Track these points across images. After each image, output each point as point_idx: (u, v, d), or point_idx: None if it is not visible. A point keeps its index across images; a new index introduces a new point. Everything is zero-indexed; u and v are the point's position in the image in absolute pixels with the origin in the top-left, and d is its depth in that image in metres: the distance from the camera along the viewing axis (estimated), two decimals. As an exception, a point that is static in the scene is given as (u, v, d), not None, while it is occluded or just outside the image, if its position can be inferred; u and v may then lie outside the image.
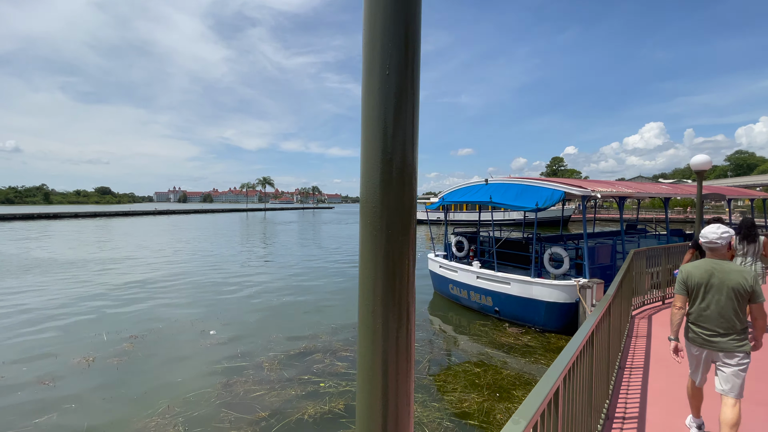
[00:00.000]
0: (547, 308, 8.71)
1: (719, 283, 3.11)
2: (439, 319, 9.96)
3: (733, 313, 3.07)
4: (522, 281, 9.11)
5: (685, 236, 16.22)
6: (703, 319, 3.20)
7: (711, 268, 3.18)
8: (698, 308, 3.23)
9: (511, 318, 9.53)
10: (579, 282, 8.39)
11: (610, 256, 9.73)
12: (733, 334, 3.07)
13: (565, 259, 9.18)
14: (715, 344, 3.12)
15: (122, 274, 15.61)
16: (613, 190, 8.97)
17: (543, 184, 9.26)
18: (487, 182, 10.78)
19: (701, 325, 3.21)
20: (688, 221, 47.81)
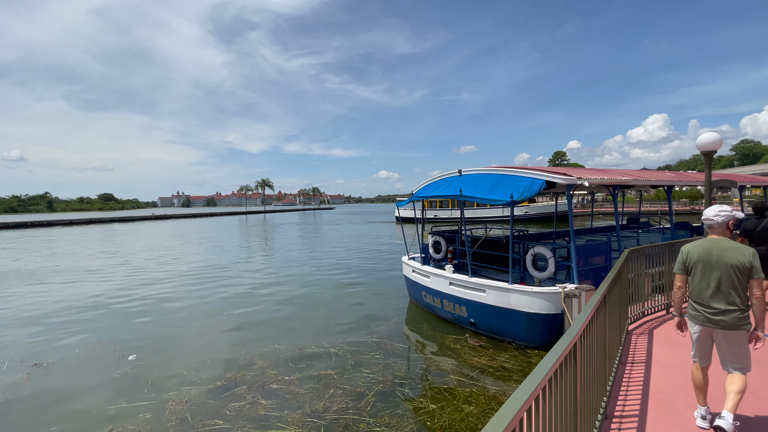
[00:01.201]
0: (529, 320, 7.29)
1: (717, 261, 3.18)
2: (407, 334, 8.56)
3: (733, 289, 3.12)
4: (498, 288, 7.69)
5: (692, 229, 14.75)
6: (703, 297, 3.26)
7: (709, 246, 3.26)
8: (698, 286, 3.30)
9: (488, 331, 8.11)
10: (565, 288, 6.96)
11: (605, 256, 8.28)
12: (736, 312, 3.11)
13: (549, 260, 7.76)
14: (717, 322, 3.16)
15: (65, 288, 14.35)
16: (605, 178, 7.53)
17: (521, 172, 7.83)
18: (460, 173, 9.36)
19: (702, 303, 3.27)
20: (695, 213, 45.88)
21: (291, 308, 10.80)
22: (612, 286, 4.39)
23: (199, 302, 11.50)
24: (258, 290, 12.98)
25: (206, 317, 10.05)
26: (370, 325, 9.09)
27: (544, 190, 10.73)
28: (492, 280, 7.92)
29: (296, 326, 9.19)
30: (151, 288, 13.59)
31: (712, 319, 3.18)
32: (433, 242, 11.29)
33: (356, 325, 9.12)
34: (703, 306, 3.24)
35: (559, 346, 2.16)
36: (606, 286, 3.84)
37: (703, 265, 3.23)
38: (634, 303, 6.21)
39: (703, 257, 3.23)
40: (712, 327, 3.19)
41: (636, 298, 6.23)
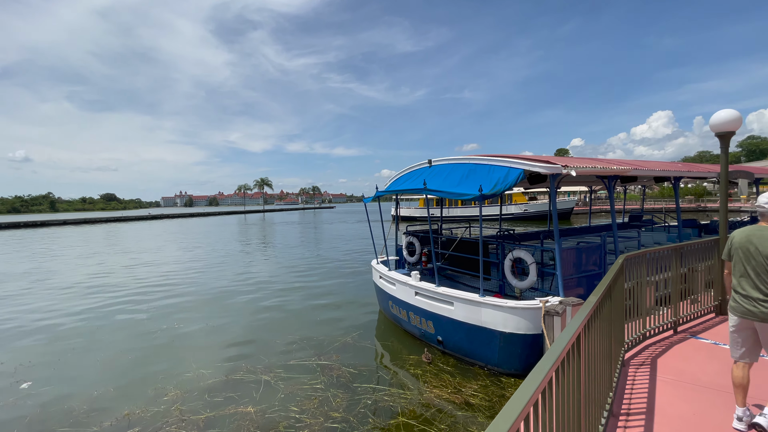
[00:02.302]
0: (503, 342, 5.93)
1: (755, 249, 3.11)
2: (363, 355, 7.22)
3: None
4: (467, 301, 6.33)
5: (700, 227, 13.33)
6: (742, 286, 3.18)
7: (752, 234, 3.19)
8: (736, 274, 3.23)
9: (457, 352, 6.77)
10: (546, 303, 5.61)
11: (599, 260, 6.90)
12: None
13: (530, 266, 6.41)
14: (755, 313, 3.05)
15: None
16: (597, 167, 6.15)
17: (496, 161, 6.47)
18: (430, 163, 8.00)
19: (741, 291, 3.18)
20: (701, 211, 44.00)
21: (242, 320, 9.50)
22: (603, 300, 3.16)
23: (143, 315, 10.22)
24: (216, 297, 11.69)
25: (140, 332, 8.76)
26: (325, 341, 7.76)
27: (531, 183, 9.41)
28: (463, 291, 6.57)
29: (237, 344, 7.87)
30: (100, 297, 12.34)
31: (750, 310, 3.08)
32: (407, 243, 9.98)
33: (308, 342, 7.79)
34: (741, 296, 3.15)
35: (518, 399, 1.37)
36: (594, 302, 2.79)
37: (742, 252, 3.18)
38: (633, 319, 4.86)
39: (743, 244, 3.18)
40: (751, 319, 3.08)
41: (635, 313, 4.87)
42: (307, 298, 11.37)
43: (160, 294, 12.24)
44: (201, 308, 10.55)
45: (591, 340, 2.76)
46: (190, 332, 8.65)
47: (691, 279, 5.65)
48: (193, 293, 12.27)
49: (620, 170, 6.42)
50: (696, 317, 5.79)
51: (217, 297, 11.73)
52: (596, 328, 2.96)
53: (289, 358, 6.99)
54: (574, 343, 2.14)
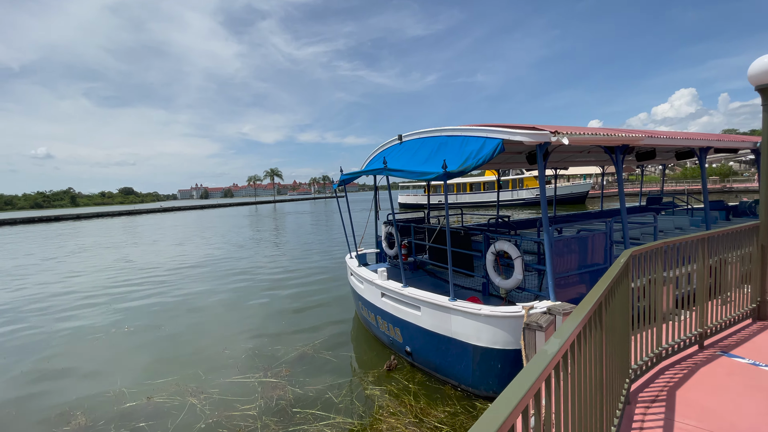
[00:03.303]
0: (477, 357, 4.72)
1: None
2: (323, 367, 6.11)
3: None
4: (435, 306, 5.12)
5: (728, 209, 11.72)
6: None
7: None
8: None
9: (427, 367, 5.59)
10: (530, 309, 4.36)
11: (604, 252, 5.57)
12: None
13: (515, 261, 5.16)
14: None
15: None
16: (600, 135, 4.79)
17: (470, 132, 5.16)
18: (401, 139, 6.74)
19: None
20: (726, 192, 41.18)
21: (198, 320, 8.51)
22: (596, 313, 2.24)
23: (97, 317, 9.34)
24: (178, 292, 10.76)
25: (78, 337, 7.85)
26: (281, 352, 6.68)
27: (531, 163, 8.09)
28: (431, 293, 5.35)
29: (178, 352, 6.88)
30: (64, 298, 11.56)
31: None
32: (386, 234, 8.79)
33: (262, 351, 6.72)
34: None
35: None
36: (582, 318, 1.91)
37: None
38: (644, 329, 3.59)
39: None
40: None
41: (646, 320, 3.60)
42: (281, 297, 10.32)
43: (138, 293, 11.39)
44: (178, 305, 9.62)
45: (578, 368, 1.69)
46: (140, 338, 7.70)
47: (721, 273, 4.31)
48: (159, 293, 11.37)
49: (629, 138, 5.04)
50: (728, 325, 4.46)
51: (184, 298, 10.79)
52: (586, 351, 1.87)
53: (232, 373, 5.93)
54: (551, 375, 1.45)
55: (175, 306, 9.78)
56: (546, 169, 13.21)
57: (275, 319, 8.41)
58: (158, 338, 7.65)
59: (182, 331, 7.97)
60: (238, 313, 9.07)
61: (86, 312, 9.63)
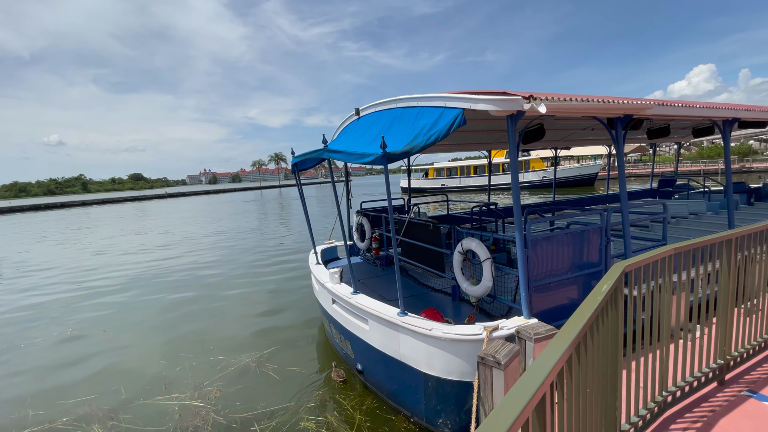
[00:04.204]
0: (430, 389, 3.74)
1: None
2: (261, 387, 5.21)
3: None
4: (382, 321, 4.12)
5: (750, 192, 10.45)
6: None
7: None
8: None
9: (379, 390, 4.64)
10: (492, 332, 3.34)
11: (599, 249, 4.46)
12: None
13: (484, 264, 4.13)
14: None
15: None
16: (590, 102, 3.63)
17: (428, 101, 4.04)
18: (358, 114, 5.63)
19: None
20: (745, 172, 38.91)
21: (153, 319, 7.68)
22: (581, 343, 1.64)
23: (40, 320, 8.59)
24: (127, 290, 9.96)
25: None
26: (222, 363, 5.79)
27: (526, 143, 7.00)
28: (382, 305, 4.34)
29: (114, 361, 6.04)
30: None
31: None
32: (357, 225, 7.80)
33: (198, 363, 5.85)
34: None
35: None
36: (562, 352, 1.40)
37: None
38: (642, 356, 2.56)
39: None
40: None
41: (649, 340, 2.58)
42: (248, 293, 9.45)
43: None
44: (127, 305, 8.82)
45: None
46: (95, 351, 6.91)
47: (746, 272, 3.22)
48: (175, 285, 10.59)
49: (631, 107, 3.88)
50: (757, 351, 3.39)
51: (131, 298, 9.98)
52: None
53: (156, 392, 5.06)
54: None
55: (131, 306, 8.98)
56: (540, 150, 12.03)
57: (230, 321, 7.53)
58: (95, 344, 6.84)
59: (128, 336, 7.15)
60: (193, 314, 8.21)
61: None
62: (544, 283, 3.96)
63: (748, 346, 3.29)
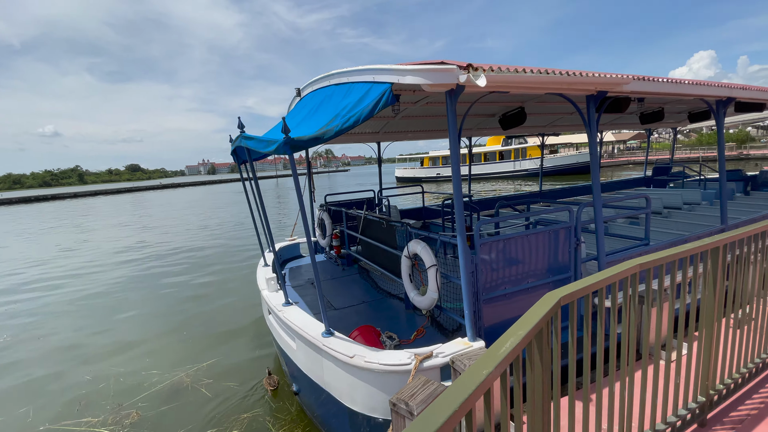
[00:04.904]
0: (357, 425, 3.11)
1: None
2: (188, 407, 4.62)
3: None
4: (307, 342, 3.48)
5: (746, 180, 9.80)
6: None
7: None
8: None
9: (311, 415, 4.04)
10: (423, 361, 2.70)
11: (568, 252, 3.79)
12: None
13: (428, 271, 3.48)
14: None
15: None
16: (546, 75, 2.92)
17: (358, 75, 3.33)
18: (299, 95, 4.90)
19: None
20: (743, 159, 37.97)
21: (92, 325, 7.07)
22: None
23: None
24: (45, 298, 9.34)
25: None
26: (153, 378, 5.19)
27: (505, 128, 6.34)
28: (308, 321, 3.69)
29: (45, 373, 5.43)
30: None
31: None
32: (319, 221, 7.15)
33: (126, 378, 5.25)
34: None
35: None
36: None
37: None
38: (611, 386, 1.91)
39: None
40: None
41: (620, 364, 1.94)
42: (196, 299, 8.83)
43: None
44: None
45: None
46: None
47: (738, 277, 2.56)
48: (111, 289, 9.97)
49: (601, 81, 3.17)
50: (749, 378, 2.76)
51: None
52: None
53: (68, 414, 4.46)
54: None
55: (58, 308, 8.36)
56: (537, 137, 11.29)
57: (176, 327, 6.91)
58: (20, 353, 6.23)
59: (59, 345, 6.54)
60: (136, 318, 7.60)
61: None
62: (497, 295, 3.32)
63: (737, 375, 2.66)
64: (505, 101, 6.92)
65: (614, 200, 4.50)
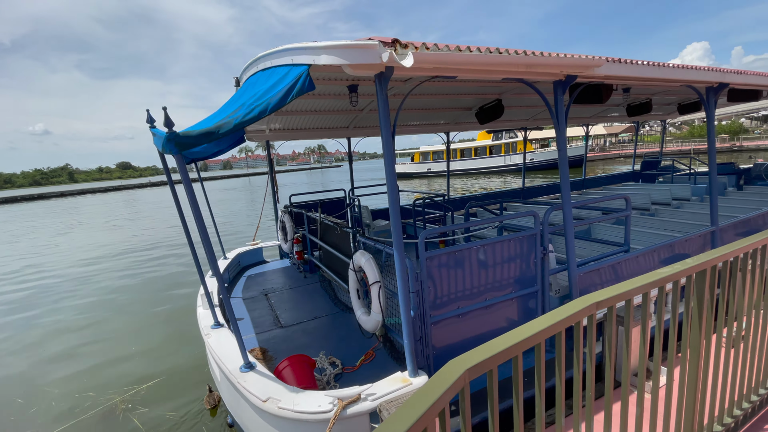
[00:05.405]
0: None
1: None
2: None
3: None
4: (224, 375, 2.97)
5: (739, 173, 9.43)
6: None
7: None
8: None
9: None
10: (347, 406, 2.20)
11: (533, 263, 3.28)
12: None
13: (372, 288, 2.98)
14: None
15: None
16: (501, 55, 2.40)
17: (278, 57, 2.80)
18: (239, 85, 4.34)
19: None
20: (736, 151, 37.71)
21: (26, 337, 6.49)
22: None
23: None
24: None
25: None
26: (86, 402, 4.66)
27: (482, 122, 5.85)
28: (230, 349, 3.18)
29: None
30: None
31: None
32: (280, 224, 6.63)
33: (60, 401, 4.72)
34: None
35: None
36: None
37: None
38: None
39: None
40: None
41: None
42: (152, 309, 8.28)
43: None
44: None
45: None
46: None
47: (729, 289, 2.06)
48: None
49: (567, 63, 2.65)
50: (749, 414, 2.28)
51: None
52: None
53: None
54: None
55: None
56: (532, 130, 10.84)
57: (126, 340, 6.37)
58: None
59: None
60: (83, 329, 7.05)
61: None
62: (448, 317, 2.82)
63: (729, 419, 2.18)
64: (481, 93, 6.40)
65: (591, 201, 3.99)
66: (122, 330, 6.83)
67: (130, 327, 6.92)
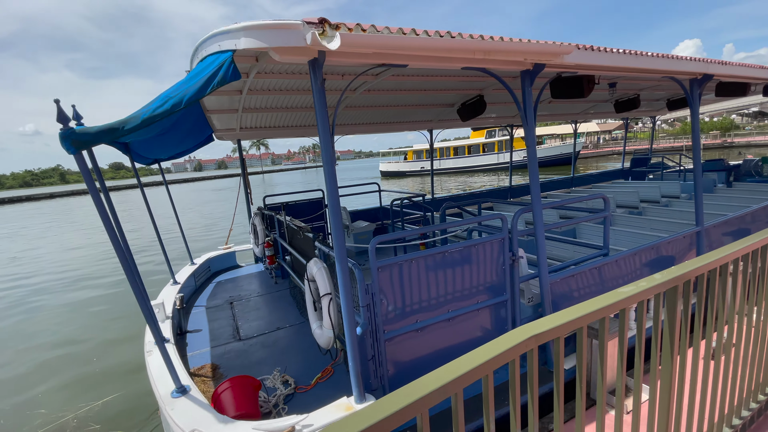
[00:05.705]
0: None
1: None
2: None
3: None
4: (159, 398, 2.69)
5: (728, 169, 9.26)
6: None
7: None
8: None
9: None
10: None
11: (502, 266, 3.01)
12: None
13: (322, 300, 2.70)
14: None
15: None
16: (454, 40, 2.13)
17: (209, 45, 2.50)
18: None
19: None
20: (727, 147, 37.70)
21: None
22: None
23: None
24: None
25: None
26: (38, 418, 4.36)
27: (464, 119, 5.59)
28: (163, 368, 2.89)
29: None
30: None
31: None
32: (252, 227, 6.33)
33: (14, 419, 4.41)
34: None
35: None
36: None
37: None
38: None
39: None
40: None
41: None
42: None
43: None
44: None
45: None
46: None
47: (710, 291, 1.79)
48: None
49: (532, 49, 2.38)
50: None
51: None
52: None
53: None
54: None
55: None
56: (511, 128, 10.62)
57: (90, 350, 6.06)
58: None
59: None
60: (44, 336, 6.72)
61: None
62: (405, 332, 2.55)
63: (728, 429, 1.91)
64: (462, 89, 6.12)
65: (569, 201, 3.73)
66: (79, 341, 6.51)
67: (88, 338, 6.60)
